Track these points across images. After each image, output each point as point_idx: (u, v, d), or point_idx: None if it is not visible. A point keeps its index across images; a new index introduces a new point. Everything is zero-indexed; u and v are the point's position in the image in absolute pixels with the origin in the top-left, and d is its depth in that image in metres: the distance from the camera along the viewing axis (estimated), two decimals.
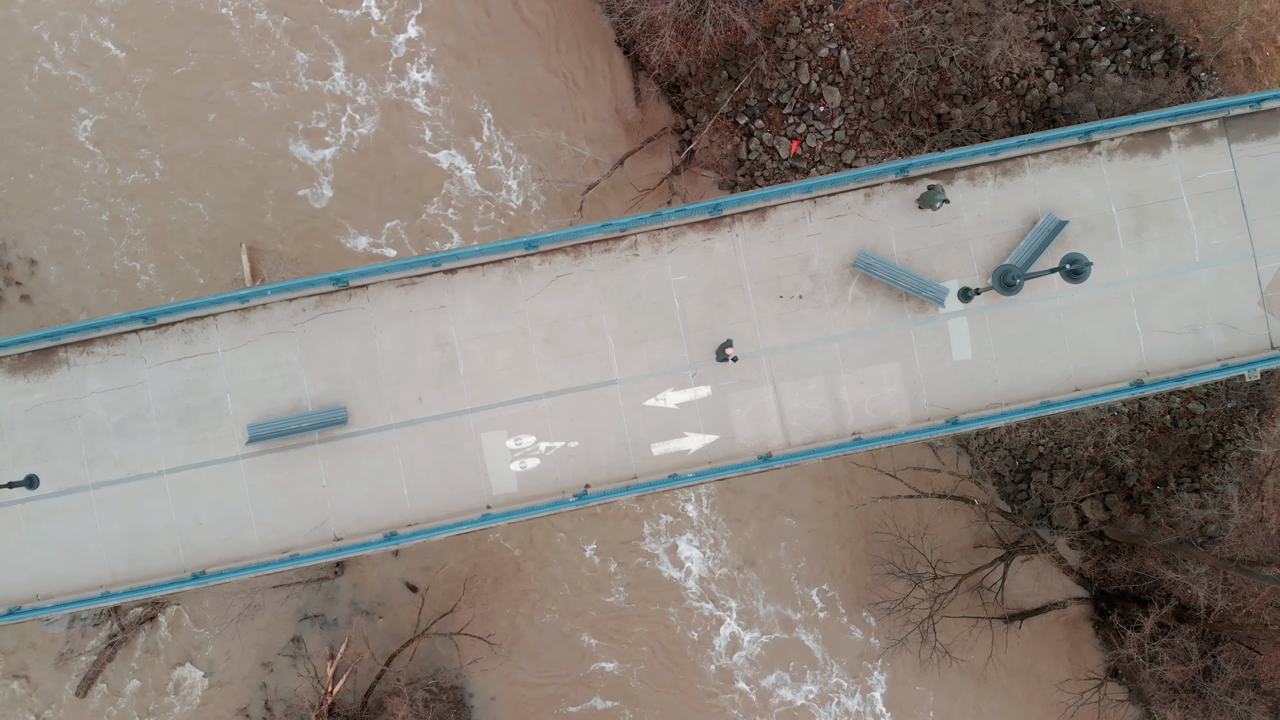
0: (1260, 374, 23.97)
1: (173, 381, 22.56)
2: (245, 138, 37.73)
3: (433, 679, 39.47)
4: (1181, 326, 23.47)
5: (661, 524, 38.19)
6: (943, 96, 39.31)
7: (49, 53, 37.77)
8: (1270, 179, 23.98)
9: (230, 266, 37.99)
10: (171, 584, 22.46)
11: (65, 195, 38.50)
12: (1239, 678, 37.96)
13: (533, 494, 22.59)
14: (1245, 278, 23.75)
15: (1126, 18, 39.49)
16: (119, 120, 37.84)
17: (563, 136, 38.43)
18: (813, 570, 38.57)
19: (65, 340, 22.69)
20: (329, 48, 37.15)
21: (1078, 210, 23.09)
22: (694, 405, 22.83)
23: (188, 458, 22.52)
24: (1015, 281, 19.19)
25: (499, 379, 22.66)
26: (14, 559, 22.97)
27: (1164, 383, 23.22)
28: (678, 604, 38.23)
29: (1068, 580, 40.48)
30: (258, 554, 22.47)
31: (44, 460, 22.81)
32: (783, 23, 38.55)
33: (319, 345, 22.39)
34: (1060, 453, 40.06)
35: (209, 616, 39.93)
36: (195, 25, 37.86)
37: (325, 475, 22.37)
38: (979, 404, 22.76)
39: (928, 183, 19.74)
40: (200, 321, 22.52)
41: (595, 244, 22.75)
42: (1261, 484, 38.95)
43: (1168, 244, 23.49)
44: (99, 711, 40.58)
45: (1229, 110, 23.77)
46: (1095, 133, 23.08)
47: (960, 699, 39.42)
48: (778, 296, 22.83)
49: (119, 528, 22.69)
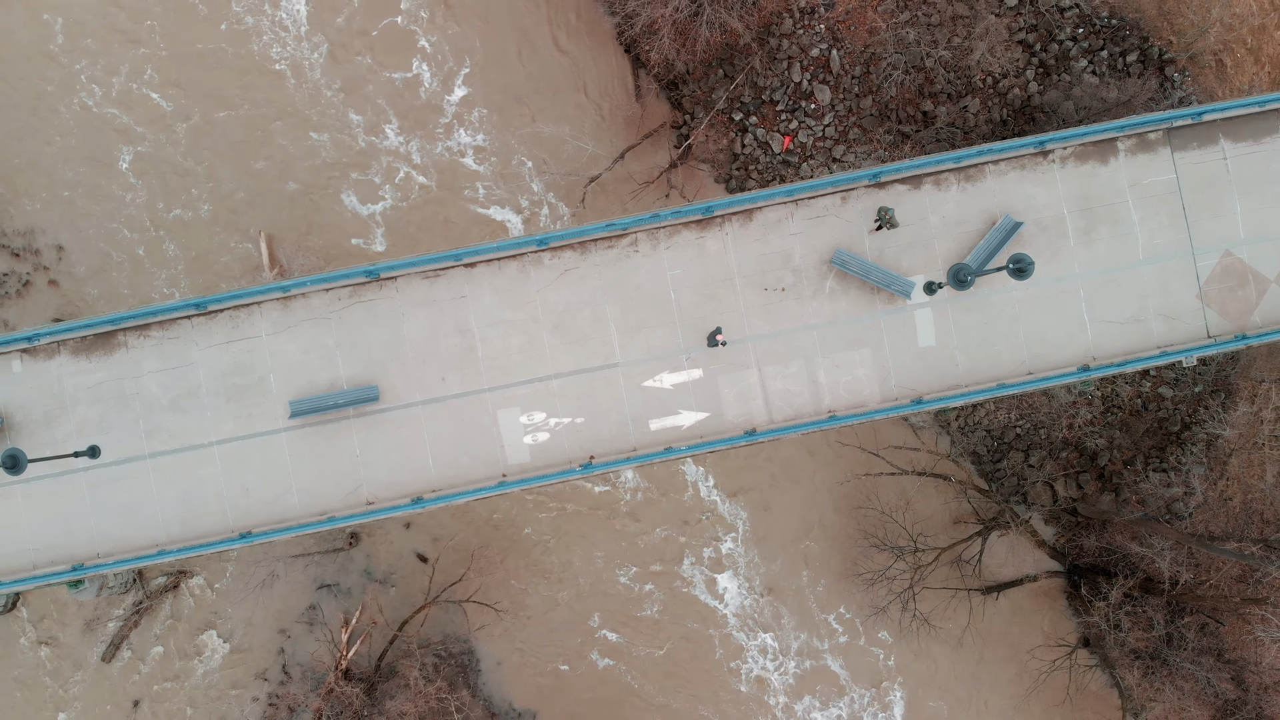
0: (1196, 360, 27.45)
1: (221, 362, 26.06)
2: (296, 182, 41.31)
3: (441, 644, 43.23)
4: (1126, 317, 26.99)
5: (703, 556, 42.27)
6: (928, 95, 42.66)
7: (89, 91, 41.30)
8: (1209, 184, 27.44)
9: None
10: (220, 543, 26.02)
11: (102, 213, 42.02)
12: (1201, 646, 41.80)
13: (543, 464, 26.17)
14: (1185, 274, 27.25)
15: (1104, 20, 42.82)
16: (160, 157, 41.35)
17: (566, 131, 41.82)
18: (820, 565, 42.53)
19: (124, 325, 26.14)
20: (382, 108, 40.75)
21: (1033, 212, 26.56)
22: (687, 386, 26.37)
23: (235, 430, 26.05)
24: (967, 279, 22.65)
25: (513, 362, 26.19)
26: (78, 521, 26.50)
27: (1108, 367, 26.76)
28: (711, 624, 42.29)
29: (1042, 555, 44.24)
30: (298, 516, 26.04)
31: (105, 433, 26.31)
32: (776, 24, 41.85)
33: (353, 330, 25.89)
34: (1037, 434, 43.69)
35: (230, 586, 43.59)
36: (252, 76, 41.24)
37: (359, 446, 25.93)
38: (941, 385, 26.32)
39: (880, 207, 23.12)
40: (246, 309, 26.00)
41: (600, 241, 26.21)
42: (1225, 465, 42.65)
43: (1114, 243, 26.98)
44: (124, 676, 44.29)
45: (1172, 122, 27.19)
46: (1049, 143, 26.50)
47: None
48: (763, 289, 26.32)
49: (173, 493, 26.23)
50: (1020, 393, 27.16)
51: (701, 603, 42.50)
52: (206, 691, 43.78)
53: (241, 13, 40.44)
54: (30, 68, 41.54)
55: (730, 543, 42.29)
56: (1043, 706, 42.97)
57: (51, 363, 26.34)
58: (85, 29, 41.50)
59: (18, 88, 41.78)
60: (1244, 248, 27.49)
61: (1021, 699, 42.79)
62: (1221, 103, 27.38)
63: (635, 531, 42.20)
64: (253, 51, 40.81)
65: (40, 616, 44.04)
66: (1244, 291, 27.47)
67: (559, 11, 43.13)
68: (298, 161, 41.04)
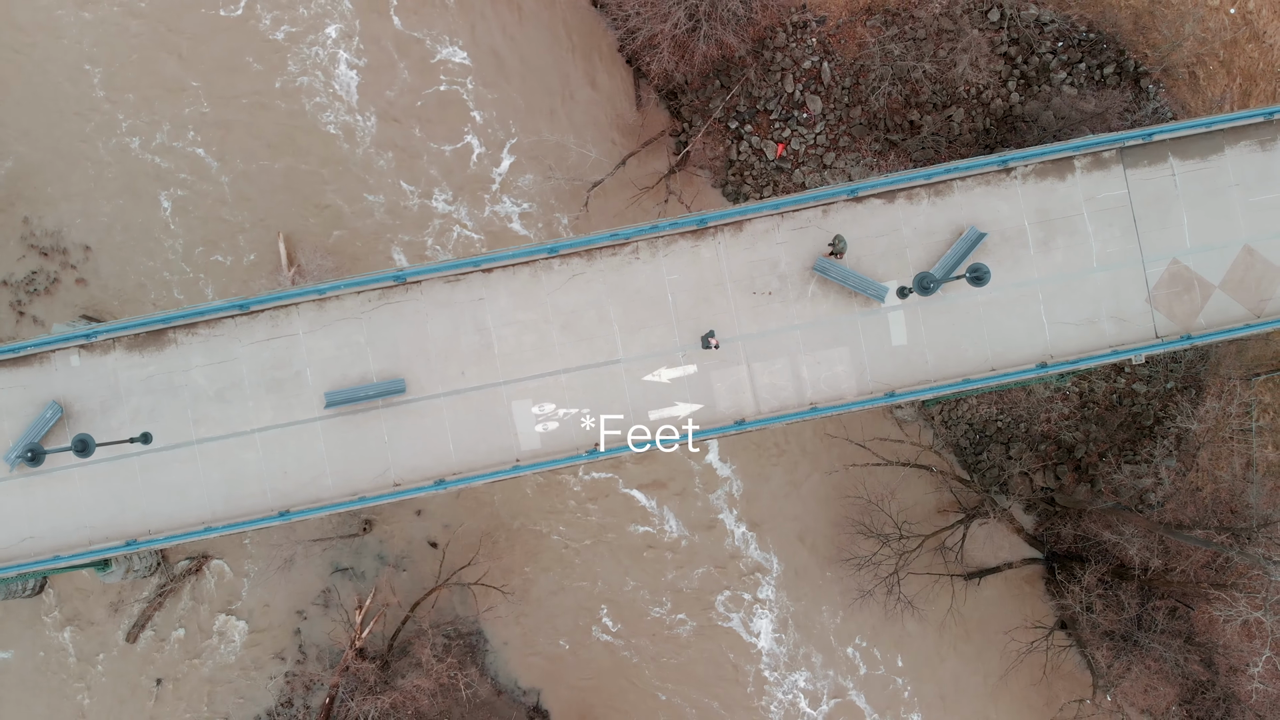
0: (1144, 358, 31.19)
1: (262, 357, 29.81)
2: (342, 232, 45.36)
3: (451, 624, 47.07)
4: (1080, 319, 30.74)
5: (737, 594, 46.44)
6: (914, 105, 46.41)
7: (127, 139, 45.36)
8: (1158, 199, 31.18)
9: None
10: (261, 520, 29.78)
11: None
12: (1171, 629, 45.62)
13: (553, 450, 29.96)
14: (1135, 280, 31.00)
15: (1082, 34, 46.58)
16: (201, 207, 45.50)
17: (571, 139, 45.57)
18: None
19: (174, 324, 29.87)
20: (433, 177, 44.73)
21: (996, 224, 30.31)
22: (683, 380, 30.13)
23: (275, 419, 29.81)
24: (930, 286, 26.34)
25: (526, 358, 29.96)
26: (131, 501, 30.25)
27: (1064, 364, 30.52)
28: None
29: (1022, 543, 48.08)
30: (331, 496, 29.81)
31: (156, 421, 30.06)
32: (770, 38, 45.59)
33: (382, 329, 29.65)
34: (1017, 427, 47.49)
35: (250, 569, 47.42)
36: (305, 135, 45.23)
37: (387, 434, 29.69)
38: (912, 380, 30.09)
39: (835, 235, 26.82)
40: (285, 309, 29.73)
41: (604, 249, 29.95)
42: (1195, 457, 46.48)
43: (1070, 252, 30.73)
44: (147, 655, 48.12)
45: (1124, 142, 30.91)
46: (1011, 161, 30.23)
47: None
48: (752, 293, 30.09)
49: (218, 476, 29.99)
50: (984, 387, 30.90)
51: (724, 630, 46.69)
52: (226, 670, 47.59)
53: (296, 72, 44.40)
54: (67, 105, 45.48)
55: (760, 576, 46.52)
56: (1020, 686, 46.84)
57: (107, 357, 30.08)
58: (127, 82, 45.43)
59: (57, 126, 45.62)
60: (1190, 256, 31.24)
61: (999, 679, 46.68)
62: (1170, 124, 31.07)
63: (670, 564, 46.54)
64: (304, 110, 44.87)
65: (67, 599, 47.87)
66: (1190, 296, 31.24)
67: (584, 59, 47.27)
68: (351, 221, 45.28)
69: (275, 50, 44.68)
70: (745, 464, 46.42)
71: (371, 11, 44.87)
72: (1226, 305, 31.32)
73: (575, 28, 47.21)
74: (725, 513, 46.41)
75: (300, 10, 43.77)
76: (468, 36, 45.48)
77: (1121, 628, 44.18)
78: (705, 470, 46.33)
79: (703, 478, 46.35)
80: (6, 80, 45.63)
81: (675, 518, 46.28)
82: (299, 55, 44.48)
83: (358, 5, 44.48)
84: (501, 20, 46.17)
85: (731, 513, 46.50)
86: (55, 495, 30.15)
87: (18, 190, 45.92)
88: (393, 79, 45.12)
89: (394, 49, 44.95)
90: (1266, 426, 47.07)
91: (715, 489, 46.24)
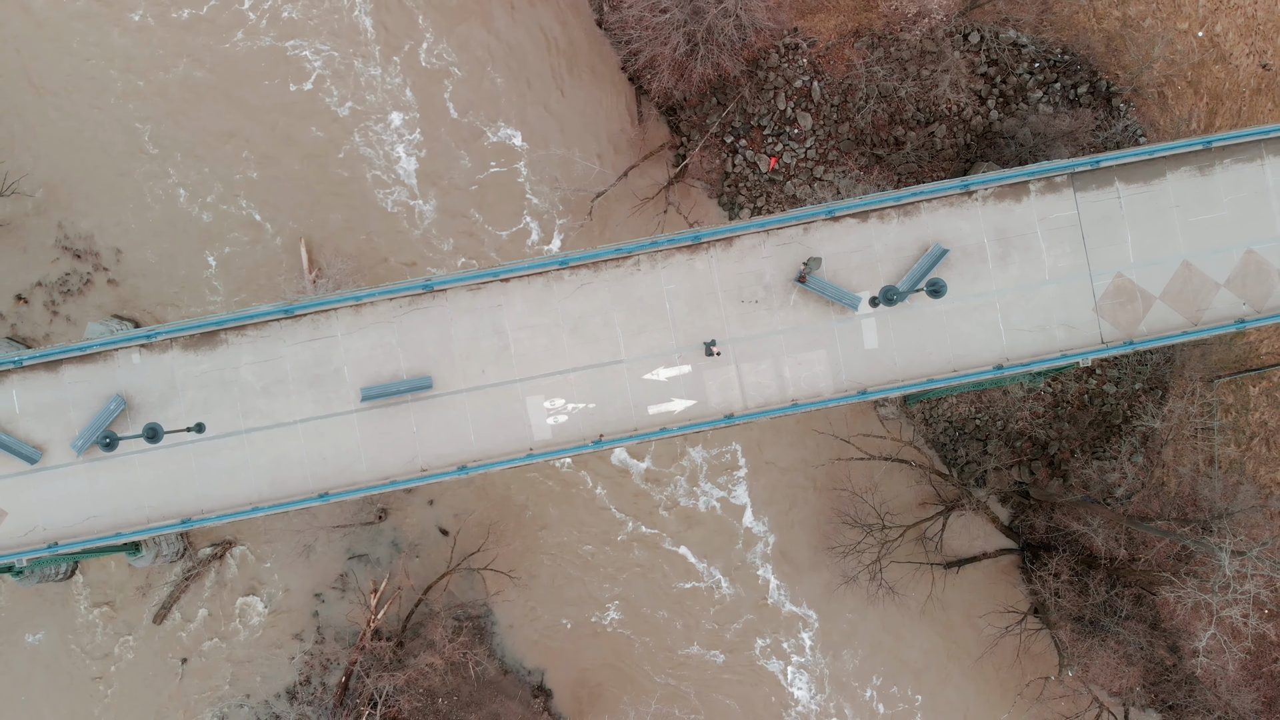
0: (1091, 361, 36.41)
1: (304, 356, 35.00)
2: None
3: (461, 607, 52.33)
4: (1034, 326, 35.96)
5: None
6: (899, 122, 51.67)
7: (176, 194, 51.19)
8: (1105, 218, 36.38)
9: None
10: (302, 501, 34.98)
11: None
12: (1136, 614, 50.94)
13: (562, 440, 35.15)
14: (1083, 291, 36.22)
15: (1057, 55, 51.85)
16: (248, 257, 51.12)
17: (576, 153, 50.82)
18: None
19: (226, 326, 35.07)
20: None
21: (959, 241, 35.52)
22: (679, 379, 35.32)
23: (315, 411, 35.00)
24: (894, 298, 31.49)
25: (539, 358, 35.15)
26: (186, 484, 35.42)
27: (1019, 366, 35.73)
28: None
29: (999, 534, 53.35)
30: (365, 480, 35.01)
31: (209, 413, 35.24)
32: (763, 58, 50.83)
33: (411, 332, 34.86)
34: (993, 425, 52.76)
35: (270, 555, 52.65)
36: (366, 211, 50.98)
37: (415, 425, 34.90)
38: (882, 379, 35.32)
39: (809, 259, 32.02)
40: (325, 314, 34.94)
41: (609, 261, 35.15)
42: (1160, 454, 51.80)
43: (1025, 266, 35.95)
44: (172, 636, 53.34)
45: (1075, 169, 36.11)
46: (973, 185, 35.44)
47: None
48: (740, 301, 35.30)
49: (264, 461, 35.19)
50: (946, 387, 36.13)
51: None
52: (248, 650, 52.80)
53: (360, 143, 50.15)
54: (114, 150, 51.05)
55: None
56: (995, 668, 52.14)
57: (165, 355, 35.28)
58: (179, 144, 51.15)
59: (101, 164, 51.09)
60: (1134, 270, 36.45)
61: (974, 661, 52.02)
62: (1116, 153, 36.17)
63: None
64: (365, 183, 50.80)
65: (96, 584, 53.08)
66: (1133, 306, 36.46)
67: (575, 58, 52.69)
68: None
69: (337, 122, 50.76)
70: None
71: (430, 101, 50.72)
72: (1166, 315, 36.55)
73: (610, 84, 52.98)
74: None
75: (368, 97, 49.58)
76: (518, 118, 51.48)
77: (1088, 613, 49.45)
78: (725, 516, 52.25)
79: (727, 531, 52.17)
80: (84, 134, 51.19)
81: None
82: (364, 130, 50.56)
83: (419, 94, 50.23)
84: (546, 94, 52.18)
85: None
86: (117, 479, 35.32)
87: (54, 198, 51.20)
88: (451, 164, 51.12)
89: (450, 137, 50.96)
90: (1228, 425, 52.39)
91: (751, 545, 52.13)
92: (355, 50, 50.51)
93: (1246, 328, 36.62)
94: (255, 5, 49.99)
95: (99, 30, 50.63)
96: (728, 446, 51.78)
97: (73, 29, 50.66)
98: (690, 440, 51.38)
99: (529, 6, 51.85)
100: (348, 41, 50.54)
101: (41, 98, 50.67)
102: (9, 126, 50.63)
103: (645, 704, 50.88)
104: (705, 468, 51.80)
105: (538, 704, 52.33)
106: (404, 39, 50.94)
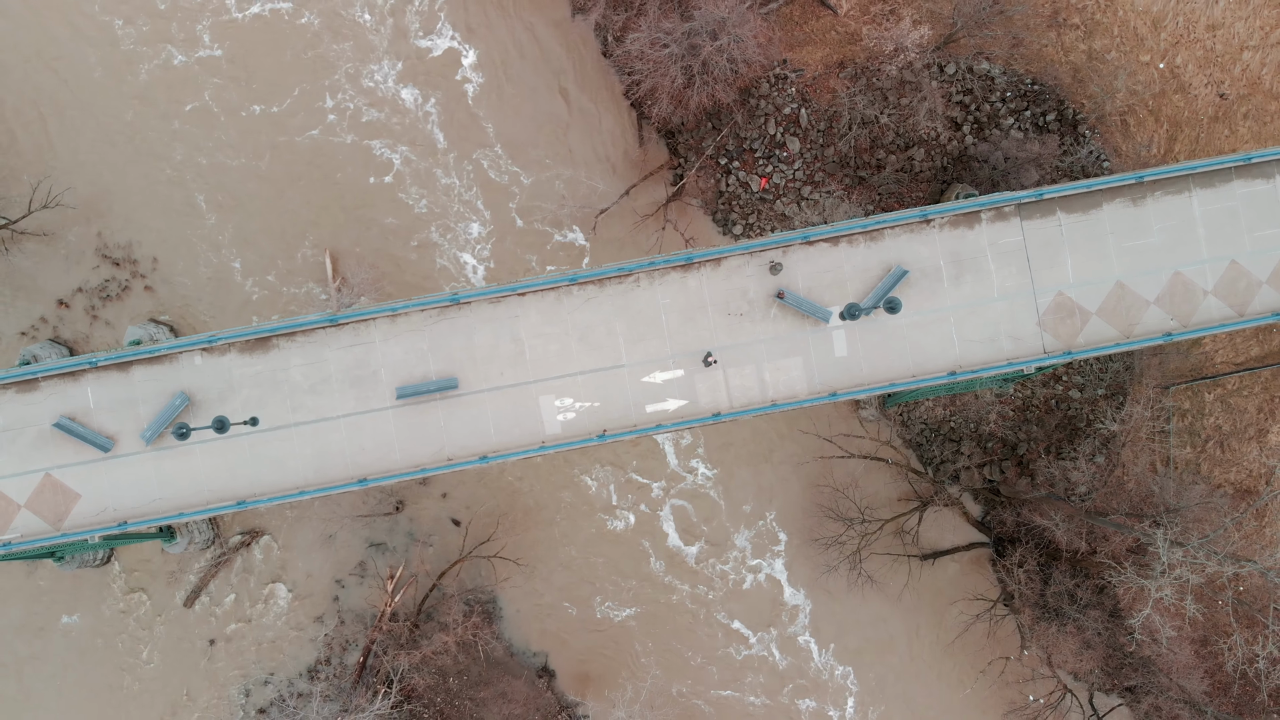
0: (1035, 369, 44.05)
1: (346, 360, 42.57)
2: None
3: (471, 593, 59.92)
4: (984, 337, 43.54)
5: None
6: (881, 146, 59.33)
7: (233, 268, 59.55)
8: (1048, 243, 43.94)
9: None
10: (343, 485, 42.52)
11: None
12: (1097, 603, 58.52)
13: (570, 434, 42.73)
14: (1028, 307, 43.81)
15: (1027, 85, 59.48)
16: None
17: (582, 174, 58.53)
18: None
19: (278, 333, 42.63)
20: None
21: (918, 263, 43.10)
22: (673, 381, 42.93)
23: (355, 408, 42.55)
24: (857, 314, 39.18)
25: (551, 362, 42.69)
26: (241, 470, 42.93)
27: (970, 372, 43.29)
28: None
29: (971, 528, 60.98)
30: (399, 468, 42.54)
31: (262, 408, 42.79)
32: (755, 87, 58.49)
33: (440, 338, 42.44)
34: (967, 427, 60.37)
35: (295, 543, 60.19)
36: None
37: (443, 420, 42.48)
38: (851, 383, 42.93)
39: (773, 261, 39.63)
40: (365, 323, 42.51)
41: (613, 279, 42.72)
42: (1119, 455, 59.44)
43: (977, 285, 43.55)
44: (201, 619, 60.82)
45: (1021, 200, 43.73)
46: (931, 214, 42.99)
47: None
48: (727, 314, 42.90)
49: (310, 451, 42.69)
50: (907, 390, 43.71)
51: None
52: (272, 631, 60.28)
53: (435, 233, 59.09)
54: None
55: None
56: (966, 652, 59.78)
57: (224, 358, 42.84)
58: (248, 237, 59.58)
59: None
60: (1073, 289, 44.02)
61: (946, 646, 59.63)
62: (1057, 186, 43.59)
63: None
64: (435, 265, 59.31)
65: (131, 568, 60.54)
66: (1072, 320, 44.07)
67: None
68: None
69: (414, 216, 59.26)
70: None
71: (499, 210, 59.71)
72: (1102, 328, 44.13)
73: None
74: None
75: (442, 198, 58.28)
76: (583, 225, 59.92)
77: (1050, 600, 57.05)
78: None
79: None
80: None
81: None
82: (441, 223, 59.38)
83: (488, 200, 59.32)
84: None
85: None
86: (180, 465, 42.78)
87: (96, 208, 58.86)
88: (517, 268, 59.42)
89: (516, 246, 59.44)
90: (1184, 429, 60.04)
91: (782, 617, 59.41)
92: (434, 161, 59.38)
93: (1173, 340, 44.17)
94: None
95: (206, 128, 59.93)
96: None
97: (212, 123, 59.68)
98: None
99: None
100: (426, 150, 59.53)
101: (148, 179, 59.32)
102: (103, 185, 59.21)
103: (641, 680, 58.45)
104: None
105: (542, 683, 59.87)
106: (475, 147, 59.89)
